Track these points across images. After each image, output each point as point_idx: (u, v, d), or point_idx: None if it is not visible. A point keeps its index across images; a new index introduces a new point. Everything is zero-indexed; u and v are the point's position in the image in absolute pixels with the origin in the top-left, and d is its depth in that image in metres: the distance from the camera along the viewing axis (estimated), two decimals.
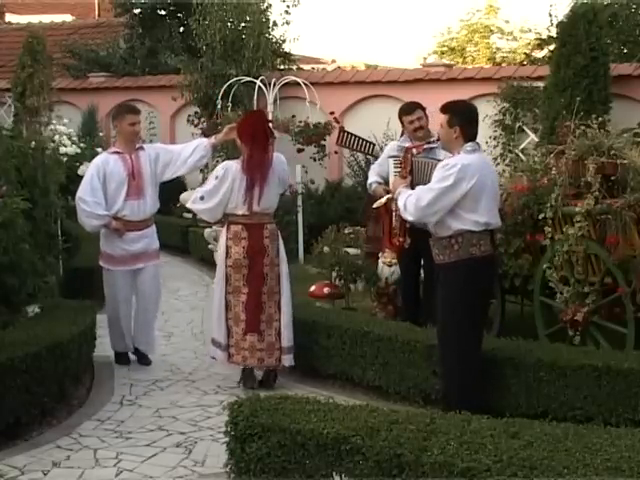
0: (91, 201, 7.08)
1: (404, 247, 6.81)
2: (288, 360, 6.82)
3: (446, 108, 5.75)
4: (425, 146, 6.75)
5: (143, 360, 7.41)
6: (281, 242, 6.93)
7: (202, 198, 6.83)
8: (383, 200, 6.84)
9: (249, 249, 6.73)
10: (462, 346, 5.60)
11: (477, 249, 5.57)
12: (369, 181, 7.61)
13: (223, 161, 7.84)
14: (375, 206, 7.06)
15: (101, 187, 7.12)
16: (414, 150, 6.64)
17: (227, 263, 6.77)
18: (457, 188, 5.48)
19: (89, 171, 7.24)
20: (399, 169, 6.67)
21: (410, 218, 5.80)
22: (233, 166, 6.77)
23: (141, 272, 7.32)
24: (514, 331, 6.47)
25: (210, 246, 10.49)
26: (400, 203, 5.81)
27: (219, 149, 11.96)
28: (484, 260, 5.61)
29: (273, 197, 6.86)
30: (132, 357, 7.48)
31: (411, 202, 5.65)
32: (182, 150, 7.43)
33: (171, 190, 7.27)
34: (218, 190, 6.73)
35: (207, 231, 10.59)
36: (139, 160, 7.24)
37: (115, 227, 7.16)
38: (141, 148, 7.39)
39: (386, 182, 7.23)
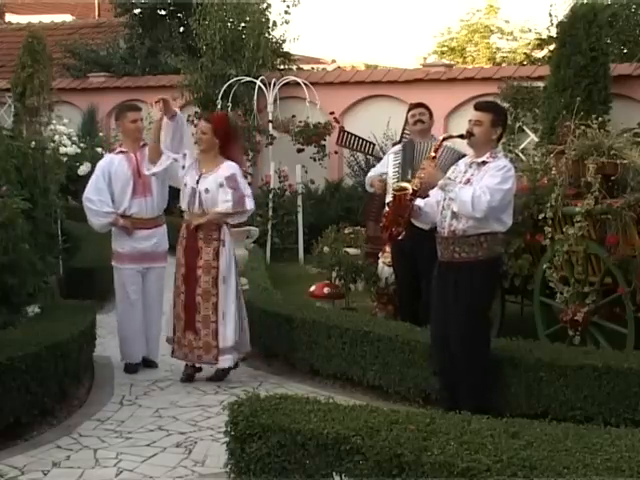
0: (96, 199, 7.13)
1: (398, 238, 6.02)
2: (227, 361, 6.88)
3: (489, 107, 5.63)
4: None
5: (149, 364, 7.40)
6: (227, 247, 6.89)
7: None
8: (406, 185, 5.73)
9: (186, 249, 6.93)
10: (487, 342, 5.75)
11: (500, 248, 5.82)
12: (368, 175, 7.69)
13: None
14: (395, 189, 5.80)
15: (107, 188, 7.17)
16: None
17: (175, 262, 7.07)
18: (512, 191, 5.61)
19: (94, 174, 7.30)
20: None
21: (478, 215, 5.44)
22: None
23: (148, 272, 7.30)
24: (514, 331, 6.47)
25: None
26: (465, 197, 5.41)
27: None
28: (501, 259, 6.07)
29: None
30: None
31: (484, 200, 5.38)
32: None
33: (172, 190, 7.27)
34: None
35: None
36: (145, 158, 7.11)
37: (122, 224, 7.15)
38: (146, 145, 7.26)
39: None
